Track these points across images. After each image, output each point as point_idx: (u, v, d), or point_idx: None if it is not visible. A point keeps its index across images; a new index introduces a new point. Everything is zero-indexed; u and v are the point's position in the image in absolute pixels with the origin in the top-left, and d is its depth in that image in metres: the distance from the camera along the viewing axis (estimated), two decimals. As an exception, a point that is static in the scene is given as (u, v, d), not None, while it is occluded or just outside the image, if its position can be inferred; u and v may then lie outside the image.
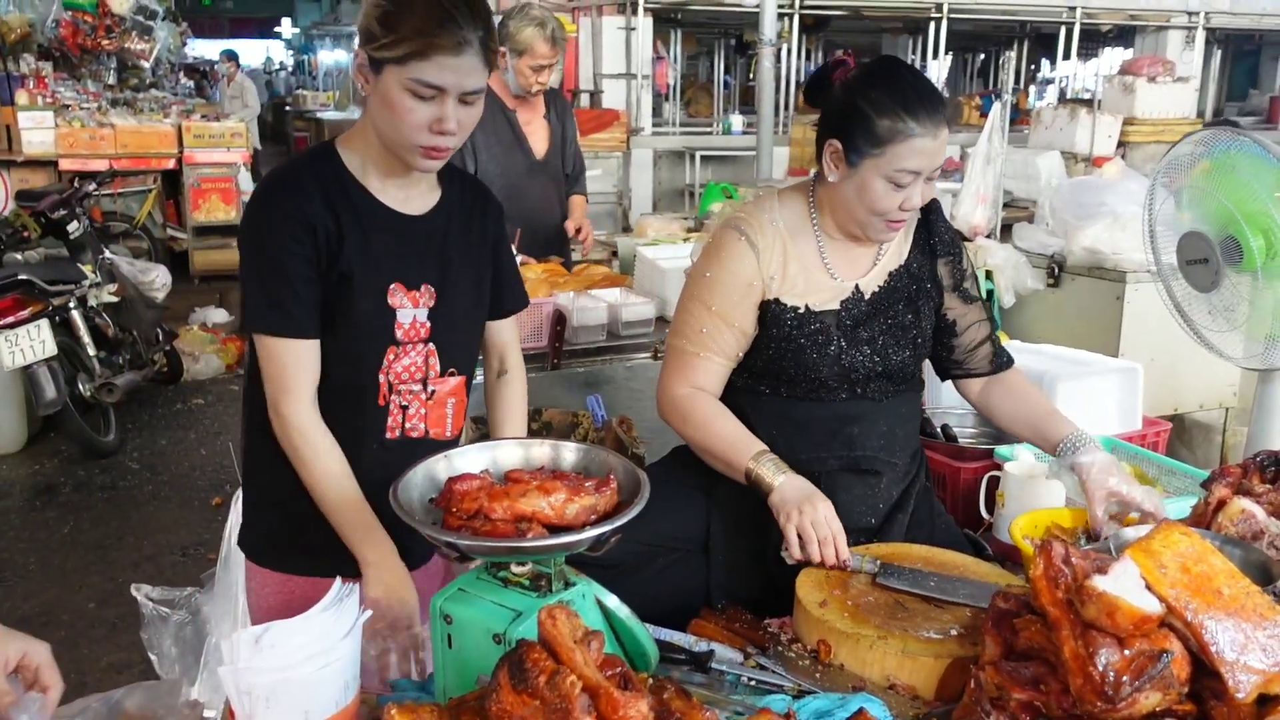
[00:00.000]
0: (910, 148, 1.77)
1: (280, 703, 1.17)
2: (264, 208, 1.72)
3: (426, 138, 1.64)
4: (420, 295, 1.79)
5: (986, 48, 16.71)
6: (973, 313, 2.03)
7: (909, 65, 1.97)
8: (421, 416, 1.84)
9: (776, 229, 1.92)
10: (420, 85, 1.60)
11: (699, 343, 1.91)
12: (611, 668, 1.14)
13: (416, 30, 1.58)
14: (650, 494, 1.36)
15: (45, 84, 8.31)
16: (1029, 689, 1.27)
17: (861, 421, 1.93)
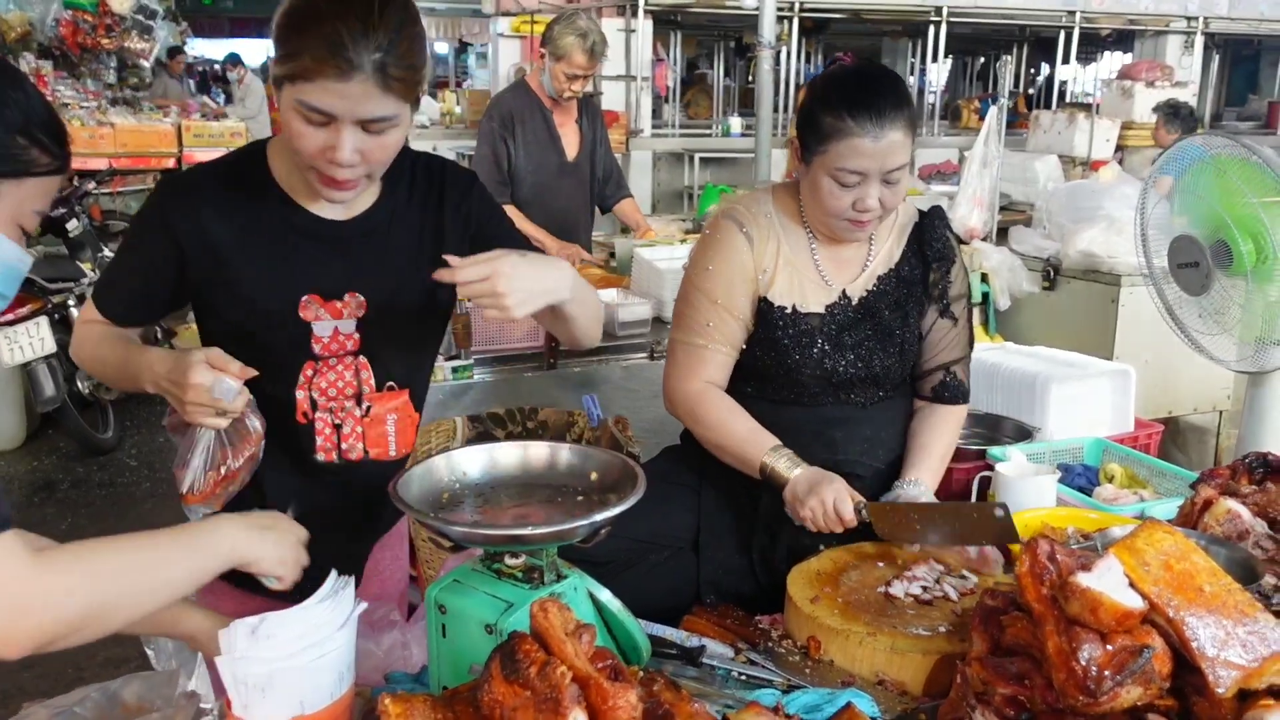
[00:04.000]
0: (850, 147, 1.76)
1: (276, 692, 1.18)
2: (160, 198, 1.66)
3: (322, 164, 1.51)
4: (344, 306, 1.67)
5: (986, 51, 16.74)
6: (942, 333, 1.99)
7: (881, 68, 1.96)
8: (359, 436, 1.74)
9: (771, 223, 1.93)
10: (306, 109, 1.45)
11: (706, 335, 1.91)
12: (602, 660, 1.15)
13: (302, 50, 1.43)
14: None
15: (45, 83, 8.31)
16: (1013, 684, 1.29)
17: (844, 426, 1.94)
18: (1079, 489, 2.23)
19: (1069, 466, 2.35)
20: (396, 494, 1.35)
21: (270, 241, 1.64)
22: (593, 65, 3.69)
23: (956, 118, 13.07)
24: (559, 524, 1.30)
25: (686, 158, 9.88)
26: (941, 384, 2.00)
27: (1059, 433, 2.51)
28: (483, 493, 1.45)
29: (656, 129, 10.49)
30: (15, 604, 1.05)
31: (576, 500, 1.43)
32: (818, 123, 1.79)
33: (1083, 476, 2.33)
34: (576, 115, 3.88)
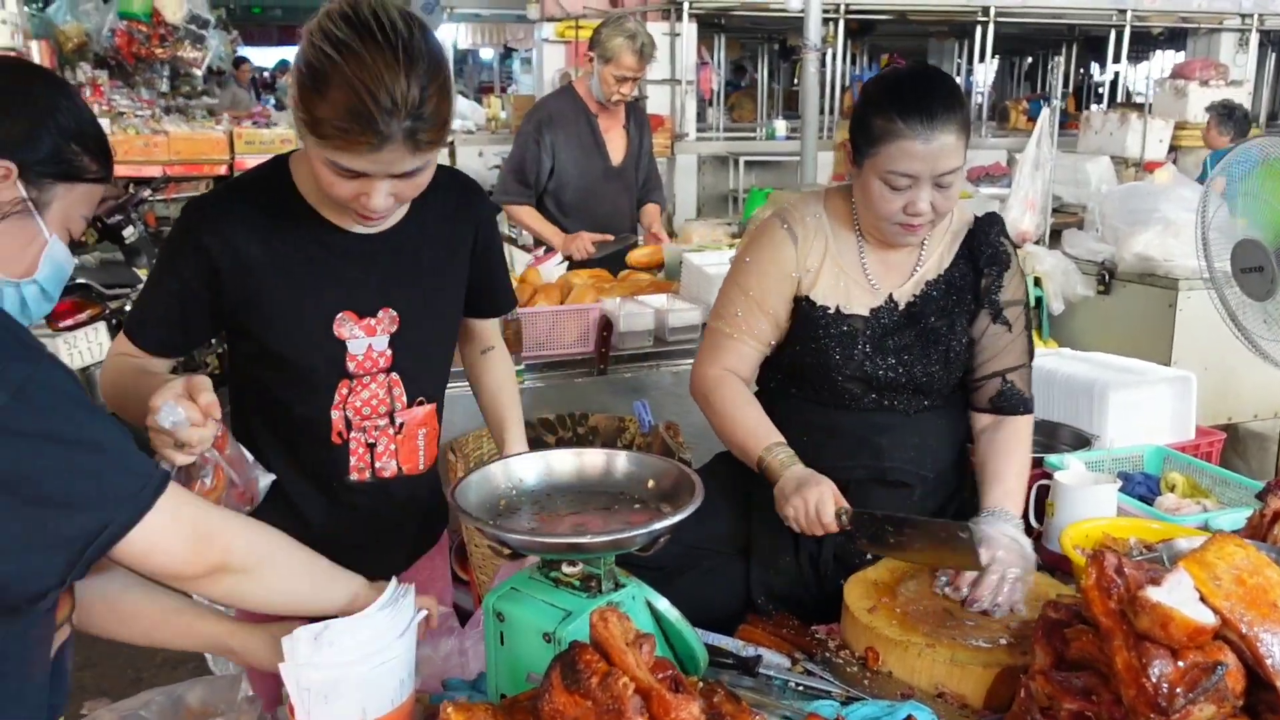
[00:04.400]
0: (900, 149, 1.74)
1: (338, 699, 1.19)
2: (189, 221, 1.62)
3: (357, 206, 1.50)
4: (378, 322, 1.67)
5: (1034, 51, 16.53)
6: (995, 338, 1.94)
7: (934, 70, 1.92)
8: (392, 453, 1.74)
9: (820, 224, 1.92)
10: (334, 166, 1.44)
11: (733, 325, 1.93)
12: (662, 670, 1.15)
13: (328, 121, 1.39)
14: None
15: (101, 92, 8.47)
16: (1080, 699, 1.27)
17: (890, 433, 1.91)
18: (1140, 498, 2.19)
19: (1128, 475, 2.31)
20: (455, 501, 1.35)
21: (303, 259, 1.62)
22: (642, 67, 3.69)
23: (1004, 119, 12.92)
24: (618, 532, 1.30)
25: (731, 161, 9.85)
26: (999, 393, 1.95)
27: (1117, 440, 2.47)
28: (539, 500, 1.45)
29: (701, 133, 10.47)
30: (197, 531, 1.15)
31: (633, 508, 1.43)
32: (868, 125, 1.78)
33: (1143, 485, 2.28)
34: (624, 120, 3.88)
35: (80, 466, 1.05)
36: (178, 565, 1.14)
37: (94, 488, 1.06)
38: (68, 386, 1.07)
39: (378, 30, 1.37)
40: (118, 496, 1.08)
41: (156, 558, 1.12)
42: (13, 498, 1.00)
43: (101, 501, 1.06)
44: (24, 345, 1.04)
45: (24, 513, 1.01)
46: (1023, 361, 1.97)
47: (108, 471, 1.08)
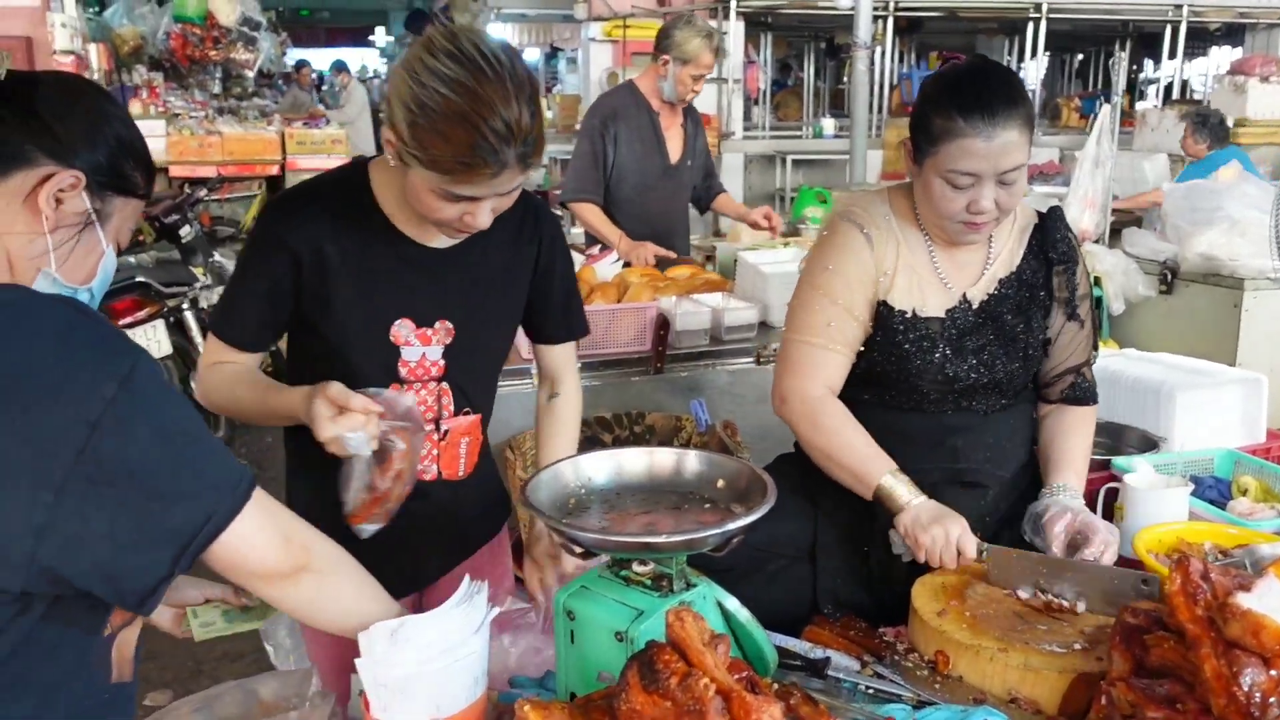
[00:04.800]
0: (960, 148, 1.71)
1: (414, 696, 1.20)
2: (271, 220, 1.69)
3: (456, 224, 1.57)
4: (434, 333, 1.71)
5: (1085, 48, 16.28)
6: (1070, 336, 1.93)
7: (994, 65, 1.88)
8: (434, 458, 1.78)
9: (890, 225, 1.89)
10: (447, 195, 1.50)
11: (826, 336, 1.86)
12: (738, 671, 1.14)
13: (449, 157, 1.45)
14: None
15: (157, 94, 8.62)
16: (1164, 707, 1.24)
17: (966, 434, 1.89)
18: (1211, 503, 2.14)
19: (1199, 479, 2.26)
20: (526, 499, 1.35)
21: (372, 264, 1.66)
22: (714, 65, 3.72)
23: (1056, 116, 12.75)
24: (693, 532, 1.29)
25: (778, 160, 9.80)
26: (1072, 386, 1.95)
27: (1186, 443, 2.42)
28: (608, 499, 1.45)
29: (747, 131, 10.44)
30: (284, 529, 1.18)
31: (703, 507, 1.42)
32: (928, 124, 1.76)
33: (1214, 489, 2.24)
34: (682, 119, 3.89)
35: (184, 458, 1.07)
36: (270, 562, 1.16)
37: (198, 479, 1.08)
38: (163, 378, 1.09)
39: (485, 65, 1.43)
40: (219, 488, 1.10)
41: (250, 555, 1.14)
42: (124, 489, 1.02)
43: (205, 492, 1.08)
44: (124, 339, 1.08)
45: (134, 504, 1.03)
46: (1091, 355, 1.97)
47: (208, 463, 1.10)
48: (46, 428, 0.99)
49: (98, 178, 1.21)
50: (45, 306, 1.07)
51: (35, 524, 0.98)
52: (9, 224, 1.16)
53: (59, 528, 0.99)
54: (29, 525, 0.98)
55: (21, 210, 1.16)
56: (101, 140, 1.21)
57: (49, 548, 0.99)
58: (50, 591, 1.03)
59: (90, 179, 1.20)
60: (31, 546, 0.99)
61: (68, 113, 1.19)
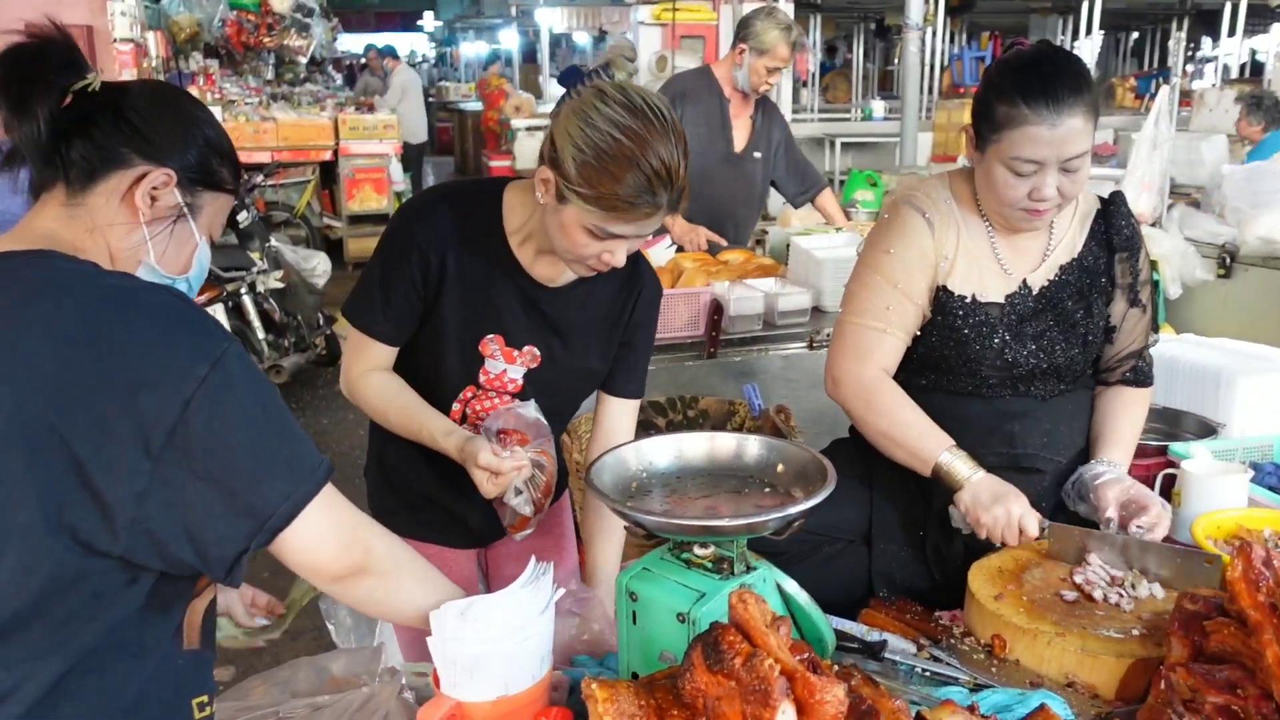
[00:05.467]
0: (1024, 135, 1.70)
1: (483, 673, 1.23)
2: (407, 220, 1.79)
3: (594, 262, 1.68)
4: (521, 355, 1.83)
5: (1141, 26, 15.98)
6: (1134, 322, 1.93)
7: (1057, 49, 1.86)
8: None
9: (951, 210, 1.89)
10: (599, 230, 1.61)
11: (884, 319, 1.87)
12: (799, 653, 1.16)
13: (615, 196, 1.56)
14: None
15: (213, 80, 8.76)
16: (1225, 693, 1.24)
17: (1024, 419, 1.89)
18: (1270, 489, 2.13)
19: (1258, 465, 2.24)
20: (590, 483, 1.38)
21: (482, 283, 1.78)
22: (791, 58, 3.72)
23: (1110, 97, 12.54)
24: (754, 515, 1.31)
25: (827, 142, 9.75)
26: (1134, 369, 1.96)
27: (1245, 429, 2.39)
28: (669, 482, 1.47)
29: (796, 114, 10.38)
30: (348, 526, 1.22)
31: (763, 491, 1.44)
32: (991, 110, 1.75)
33: (1274, 476, 2.21)
34: (753, 111, 3.88)
35: (267, 440, 1.13)
36: (330, 561, 1.20)
37: (278, 461, 1.14)
38: (252, 364, 1.16)
39: (653, 116, 1.57)
40: (298, 469, 1.15)
41: (314, 549, 1.18)
42: (211, 464, 1.08)
43: (285, 472, 1.14)
44: (217, 325, 1.15)
45: (220, 478, 1.09)
46: (1150, 338, 1.98)
47: (290, 447, 1.15)
48: (147, 402, 1.05)
49: (188, 175, 1.29)
50: (149, 292, 1.15)
51: (137, 490, 1.06)
52: (109, 220, 1.24)
53: (157, 494, 1.07)
54: (132, 490, 1.06)
55: (120, 208, 1.25)
56: (191, 141, 1.29)
57: (148, 511, 1.07)
58: (150, 558, 1.10)
59: (181, 176, 1.28)
60: (134, 511, 1.06)
61: (159, 117, 1.27)
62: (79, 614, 1.09)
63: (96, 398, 1.05)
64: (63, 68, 1.24)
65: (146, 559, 1.10)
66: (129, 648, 1.14)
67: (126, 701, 1.14)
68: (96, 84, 1.26)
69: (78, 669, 1.10)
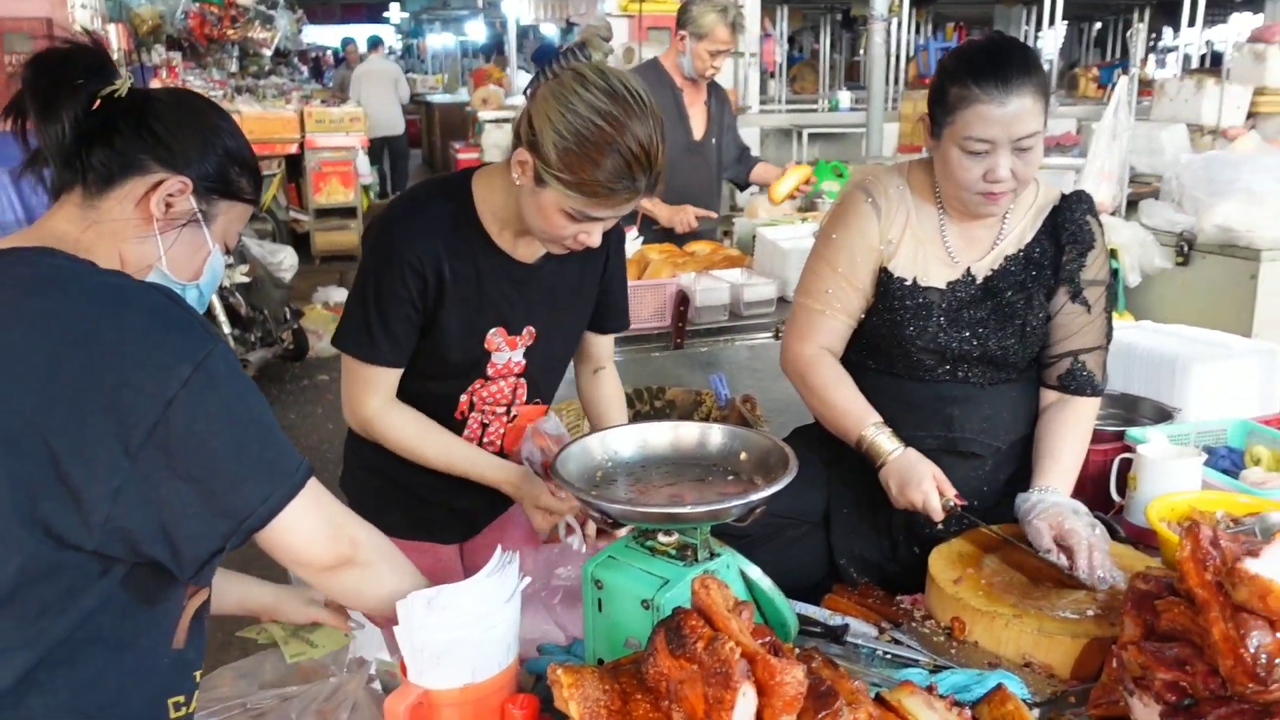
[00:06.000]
0: (976, 114, 1.74)
1: (450, 661, 1.24)
2: (392, 238, 1.75)
3: (569, 243, 1.70)
4: (521, 339, 1.86)
5: (1104, 16, 16.13)
6: (1072, 318, 1.93)
7: (1010, 39, 1.91)
8: (500, 436, 1.94)
9: (903, 196, 1.93)
10: (578, 214, 1.63)
11: (824, 301, 1.94)
12: (760, 636, 1.19)
13: (596, 181, 1.58)
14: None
15: (176, 73, 8.65)
16: (1174, 669, 1.27)
17: (963, 404, 1.92)
18: (1224, 472, 2.17)
19: (1212, 449, 2.28)
20: (556, 473, 1.40)
21: (475, 280, 1.78)
22: (734, 40, 3.74)
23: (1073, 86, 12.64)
24: (717, 503, 1.33)
25: (795, 133, 9.79)
26: (1068, 372, 1.94)
27: (1200, 414, 2.44)
28: (634, 471, 1.49)
29: (764, 105, 10.41)
30: (333, 521, 1.24)
31: (726, 479, 1.46)
32: (945, 94, 1.79)
33: (1227, 459, 2.26)
34: (706, 97, 3.91)
35: (248, 441, 1.14)
36: (316, 553, 1.23)
37: (258, 462, 1.15)
38: (238, 367, 1.17)
39: (633, 101, 1.58)
40: (277, 472, 1.17)
41: (299, 544, 1.20)
42: (190, 463, 1.09)
43: (264, 476, 1.15)
44: (205, 328, 1.16)
45: (198, 478, 1.10)
46: (1099, 344, 1.96)
47: (270, 448, 1.17)
48: (128, 400, 1.07)
49: (205, 184, 1.30)
50: (141, 291, 1.16)
51: (114, 486, 1.07)
52: (122, 224, 1.26)
53: (133, 491, 1.07)
54: (109, 487, 1.07)
55: (134, 213, 1.26)
56: (210, 150, 1.30)
57: (122, 508, 1.08)
58: (122, 554, 1.10)
59: (198, 184, 1.29)
60: (109, 507, 1.07)
61: (180, 125, 1.29)
62: (51, 607, 1.10)
63: (79, 393, 1.07)
64: (91, 73, 1.25)
65: (118, 554, 1.11)
66: (105, 642, 1.15)
67: (101, 697, 1.15)
68: (124, 90, 1.27)
69: (47, 661, 1.11)
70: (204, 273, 1.34)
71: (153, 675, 1.20)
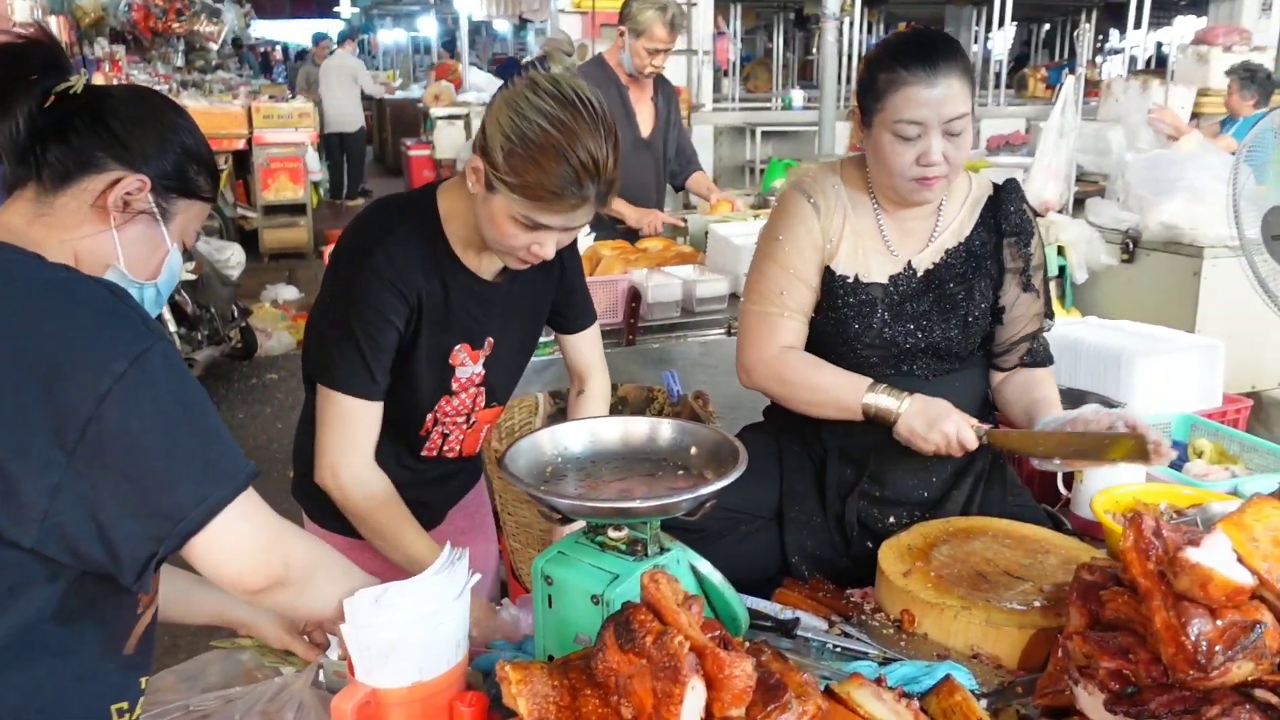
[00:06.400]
0: (905, 97, 1.76)
1: (396, 660, 1.23)
2: (374, 263, 1.70)
3: (524, 254, 1.67)
4: (482, 352, 1.85)
5: (1053, 18, 16.38)
6: (1025, 306, 1.98)
7: (933, 30, 1.97)
8: (460, 442, 1.95)
9: (839, 194, 1.94)
10: (530, 222, 1.61)
11: (779, 303, 1.93)
12: (710, 630, 1.18)
13: (540, 185, 1.56)
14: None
15: (119, 67, 8.51)
16: (1118, 658, 1.29)
17: None
18: (1168, 465, 2.21)
19: (1156, 442, 2.32)
20: (504, 469, 1.38)
21: (443, 299, 1.76)
22: (673, 39, 3.72)
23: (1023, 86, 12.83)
24: (666, 497, 1.33)
25: (748, 132, 9.82)
26: (1029, 352, 2.00)
27: (1144, 408, 2.48)
28: (584, 467, 1.48)
29: (717, 103, 10.43)
30: (267, 536, 1.20)
31: (677, 474, 1.46)
32: (874, 82, 1.81)
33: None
34: (652, 93, 3.90)
35: (185, 440, 1.12)
36: (244, 573, 1.18)
37: (194, 464, 1.12)
38: (180, 365, 1.14)
39: (583, 108, 1.56)
40: (215, 475, 1.14)
41: (228, 559, 1.16)
42: (124, 462, 1.07)
43: (199, 477, 1.12)
44: (147, 324, 1.13)
45: (132, 478, 1.07)
46: (1044, 322, 2.03)
47: (210, 450, 1.14)
48: (64, 395, 1.04)
49: (163, 182, 1.28)
50: (85, 285, 1.14)
51: (51, 483, 1.04)
52: (78, 224, 1.24)
53: (70, 488, 1.05)
54: (46, 483, 1.04)
55: (90, 212, 1.24)
56: (168, 148, 1.29)
57: (59, 506, 1.05)
58: (60, 554, 1.08)
59: (156, 183, 1.27)
60: (46, 503, 1.05)
61: (137, 123, 1.27)
62: None
63: (18, 385, 1.04)
64: (45, 69, 1.22)
65: (58, 554, 1.08)
66: (48, 648, 1.12)
67: (40, 701, 1.12)
68: (79, 86, 1.24)
69: None
70: (162, 271, 1.32)
71: (96, 682, 1.17)
